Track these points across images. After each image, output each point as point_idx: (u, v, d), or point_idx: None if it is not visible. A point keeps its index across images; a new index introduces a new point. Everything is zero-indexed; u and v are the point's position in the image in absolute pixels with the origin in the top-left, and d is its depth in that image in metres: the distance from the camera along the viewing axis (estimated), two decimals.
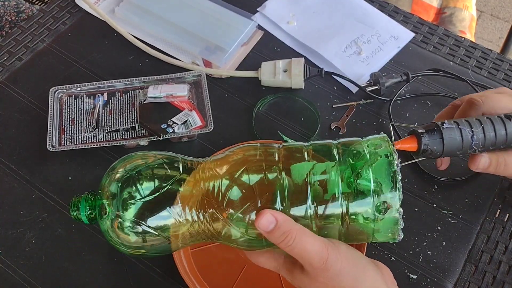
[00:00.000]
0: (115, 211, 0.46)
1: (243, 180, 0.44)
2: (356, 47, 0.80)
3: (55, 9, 0.83)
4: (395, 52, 0.79)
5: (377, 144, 0.44)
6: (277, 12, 0.83)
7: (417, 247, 0.62)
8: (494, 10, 2.10)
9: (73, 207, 0.50)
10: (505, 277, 0.61)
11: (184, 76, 0.71)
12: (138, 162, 0.48)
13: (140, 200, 0.45)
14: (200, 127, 0.67)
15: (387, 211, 0.42)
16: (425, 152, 0.50)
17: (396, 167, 0.42)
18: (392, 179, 0.42)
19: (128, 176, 0.47)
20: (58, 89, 0.70)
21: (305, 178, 0.43)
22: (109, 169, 0.50)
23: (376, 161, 0.42)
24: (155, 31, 0.79)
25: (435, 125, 0.50)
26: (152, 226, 0.46)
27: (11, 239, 0.62)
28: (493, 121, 0.51)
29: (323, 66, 0.77)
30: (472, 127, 0.50)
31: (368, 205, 0.42)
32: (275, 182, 0.43)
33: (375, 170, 0.42)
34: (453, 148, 0.50)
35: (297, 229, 0.41)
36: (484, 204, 0.66)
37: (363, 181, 0.42)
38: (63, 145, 0.66)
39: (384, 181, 0.42)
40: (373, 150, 0.43)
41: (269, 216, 0.40)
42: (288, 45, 0.80)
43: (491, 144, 0.51)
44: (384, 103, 0.74)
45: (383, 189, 0.42)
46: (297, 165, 0.44)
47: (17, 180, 0.66)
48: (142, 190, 0.46)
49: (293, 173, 0.43)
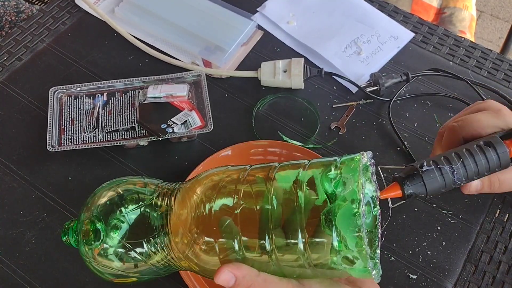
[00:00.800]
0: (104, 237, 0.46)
1: (208, 213, 0.42)
2: (356, 47, 0.80)
3: (55, 9, 0.83)
4: (395, 52, 0.79)
5: (348, 179, 0.37)
6: (277, 12, 0.83)
7: (417, 247, 0.62)
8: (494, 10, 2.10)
9: (64, 234, 0.49)
10: (505, 277, 0.61)
11: (183, 76, 0.71)
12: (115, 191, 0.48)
13: (121, 223, 0.45)
14: (200, 127, 0.67)
15: (357, 263, 0.37)
16: (410, 197, 0.50)
17: (361, 218, 0.35)
18: (356, 231, 0.35)
19: (108, 202, 0.47)
20: (58, 89, 0.70)
21: (267, 208, 0.39)
22: (91, 194, 0.49)
23: (341, 208, 0.36)
24: (155, 31, 0.79)
25: (414, 169, 0.50)
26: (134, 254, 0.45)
27: (10, 239, 0.62)
28: (472, 153, 0.50)
29: (323, 66, 0.77)
30: (452, 163, 0.50)
31: (332, 254, 0.37)
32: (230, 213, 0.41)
33: (338, 219, 0.36)
34: (436, 188, 0.49)
35: (258, 281, 0.39)
36: (484, 204, 0.66)
37: (326, 229, 0.37)
38: (63, 145, 0.66)
39: (347, 232, 0.36)
40: (340, 190, 0.37)
41: (227, 273, 0.39)
42: (288, 45, 0.80)
43: (474, 175, 0.50)
44: (384, 103, 0.74)
45: (348, 244, 0.36)
46: (260, 192, 0.40)
47: (17, 180, 0.66)
48: (124, 215, 0.46)
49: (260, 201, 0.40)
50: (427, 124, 0.72)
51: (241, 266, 0.39)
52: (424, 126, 0.72)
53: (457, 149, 0.51)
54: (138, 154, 0.68)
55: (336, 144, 0.70)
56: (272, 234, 0.39)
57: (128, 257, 0.45)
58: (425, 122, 0.72)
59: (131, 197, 0.47)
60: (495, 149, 0.50)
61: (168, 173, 0.67)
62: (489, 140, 0.51)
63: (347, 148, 0.70)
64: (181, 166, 0.67)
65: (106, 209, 0.46)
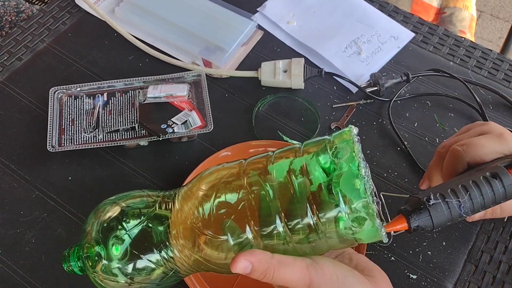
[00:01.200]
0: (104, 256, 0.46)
1: (211, 210, 0.42)
2: (356, 47, 0.80)
3: (55, 9, 0.83)
4: (395, 52, 0.79)
5: (343, 148, 0.40)
6: (277, 12, 0.83)
7: (417, 247, 0.62)
8: (494, 10, 2.10)
9: (65, 262, 0.49)
10: (505, 277, 0.61)
11: (184, 76, 0.71)
12: (113, 210, 0.47)
13: (124, 241, 0.45)
14: (200, 127, 0.67)
15: (364, 224, 0.39)
16: (416, 230, 0.49)
17: (363, 178, 0.38)
18: (360, 191, 0.38)
19: (108, 220, 0.46)
20: (58, 89, 0.70)
21: (267, 197, 0.41)
22: (89, 216, 0.48)
23: (343, 174, 0.39)
24: (155, 31, 0.79)
25: (421, 203, 0.49)
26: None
27: (11, 239, 0.62)
28: (479, 185, 0.50)
29: (323, 66, 0.77)
30: (459, 197, 0.50)
31: (340, 221, 0.39)
32: (242, 202, 0.41)
33: (342, 184, 0.38)
34: (442, 221, 0.49)
35: (274, 264, 0.40)
36: None
37: (331, 197, 0.39)
38: (63, 146, 0.66)
39: (353, 195, 0.38)
40: (338, 159, 0.39)
41: (243, 261, 0.40)
42: (288, 45, 0.80)
43: (480, 207, 0.50)
44: (384, 103, 0.74)
45: (354, 203, 0.38)
46: (255, 181, 0.42)
47: (17, 180, 0.66)
48: (126, 231, 0.45)
49: (261, 206, 0.41)
50: (427, 124, 0.72)
51: (255, 251, 0.41)
52: (424, 126, 0.72)
53: (463, 181, 0.50)
54: (138, 154, 0.69)
55: None
56: (284, 217, 0.40)
57: (134, 272, 0.45)
58: (425, 122, 0.72)
59: (133, 212, 0.46)
60: (502, 181, 0.50)
61: (168, 173, 0.67)
62: (495, 172, 0.50)
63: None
64: (181, 166, 0.67)
65: (106, 230, 0.46)
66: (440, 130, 0.72)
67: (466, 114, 0.74)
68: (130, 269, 0.45)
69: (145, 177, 0.67)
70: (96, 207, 0.48)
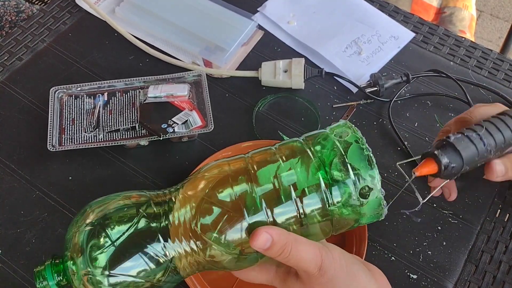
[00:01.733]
0: (84, 268, 0.42)
1: (215, 201, 0.42)
2: (356, 47, 0.80)
3: (56, 9, 0.83)
4: (395, 52, 0.79)
5: (343, 131, 0.44)
6: (277, 12, 0.83)
7: (417, 247, 0.62)
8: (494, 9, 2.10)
9: (39, 279, 0.44)
10: (506, 277, 0.61)
11: (184, 76, 0.71)
12: (100, 210, 0.44)
13: (110, 246, 0.42)
14: (200, 127, 0.67)
15: (370, 194, 0.42)
16: (446, 169, 0.48)
17: (368, 150, 0.42)
18: (368, 162, 0.42)
19: (92, 227, 0.43)
20: (59, 89, 0.70)
21: (273, 180, 0.42)
22: (70, 225, 0.45)
23: (349, 149, 0.42)
24: (156, 31, 0.79)
25: (442, 141, 0.48)
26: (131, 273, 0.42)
27: (11, 239, 0.62)
28: (492, 122, 0.50)
29: (323, 66, 0.77)
30: (477, 130, 0.49)
31: (351, 193, 0.42)
32: (244, 194, 0.42)
33: (350, 157, 0.42)
34: (470, 156, 0.48)
35: (291, 240, 0.41)
36: (485, 204, 0.66)
37: (340, 171, 0.42)
38: (63, 145, 0.66)
39: (361, 165, 0.42)
40: (342, 138, 0.43)
41: (265, 234, 0.40)
42: (289, 45, 0.80)
43: (501, 142, 0.49)
44: (384, 103, 0.74)
45: (362, 174, 0.41)
46: (263, 170, 0.43)
47: (17, 180, 0.66)
48: (112, 236, 0.42)
49: (260, 179, 0.42)
50: (427, 124, 0.72)
51: (273, 226, 0.41)
52: (425, 126, 0.72)
53: (476, 123, 0.51)
54: (138, 154, 0.69)
55: None
56: (301, 200, 0.41)
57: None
58: (426, 122, 0.73)
59: (119, 217, 0.43)
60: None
61: (169, 173, 0.67)
62: (504, 112, 0.51)
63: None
64: (181, 166, 0.67)
65: (91, 237, 0.43)
66: (440, 130, 0.72)
67: None
68: (122, 279, 0.42)
69: (145, 177, 0.67)
70: (80, 212, 0.45)
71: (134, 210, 0.44)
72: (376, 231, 0.63)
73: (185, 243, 0.43)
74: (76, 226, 0.44)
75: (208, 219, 0.42)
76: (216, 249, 0.42)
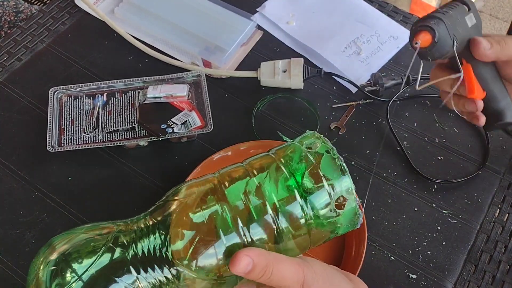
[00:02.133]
0: None
1: (185, 224, 0.40)
2: (355, 47, 0.80)
3: (55, 10, 0.83)
4: (395, 52, 0.79)
5: (312, 143, 0.43)
6: (277, 12, 0.83)
7: (417, 246, 0.62)
8: (493, 10, 2.10)
9: None
10: (505, 276, 0.61)
11: (183, 76, 0.71)
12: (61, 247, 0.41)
13: (78, 281, 0.38)
14: (200, 127, 0.67)
15: (346, 204, 0.41)
16: (439, 41, 0.52)
17: (340, 160, 0.41)
18: (341, 171, 0.41)
19: (55, 266, 0.40)
20: (58, 89, 0.70)
21: (243, 198, 0.40)
22: (31, 266, 0.42)
23: (321, 160, 0.42)
24: (155, 31, 0.79)
25: (425, 16, 0.53)
26: None
27: (11, 240, 0.62)
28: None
29: (322, 66, 0.77)
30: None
31: (327, 204, 0.41)
32: (215, 215, 0.40)
33: (323, 169, 0.41)
34: (452, 22, 0.52)
35: (271, 259, 0.39)
36: (484, 204, 0.66)
37: (314, 183, 0.41)
38: (62, 146, 0.66)
39: (334, 176, 0.41)
40: (312, 150, 0.42)
41: (246, 258, 0.38)
42: (288, 45, 0.80)
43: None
44: (384, 103, 0.74)
45: (336, 184, 0.41)
46: (232, 188, 0.41)
47: (17, 180, 0.66)
48: (78, 270, 0.39)
49: (229, 197, 0.41)
50: (426, 124, 0.72)
51: (251, 248, 0.39)
52: (424, 126, 0.72)
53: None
54: (138, 154, 0.69)
55: (336, 144, 0.70)
56: (276, 215, 0.40)
57: None
58: (425, 122, 0.73)
59: (86, 251, 0.40)
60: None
61: (168, 173, 0.67)
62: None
63: (347, 147, 0.70)
64: (181, 166, 0.67)
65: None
66: (439, 130, 0.72)
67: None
68: None
69: (144, 177, 0.67)
70: (41, 249, 0.42)
71: (100, 242, 0.40)
72: (376, 231, 0.63)
73: (158, 272, 0.40)
74: (37, 267, 0.41)
75: (179, 244, 0.40)
76: (192, 275, 0.40)
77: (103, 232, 0.41)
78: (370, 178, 0.67)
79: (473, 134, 0.72)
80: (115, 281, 0.39)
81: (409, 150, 0.70)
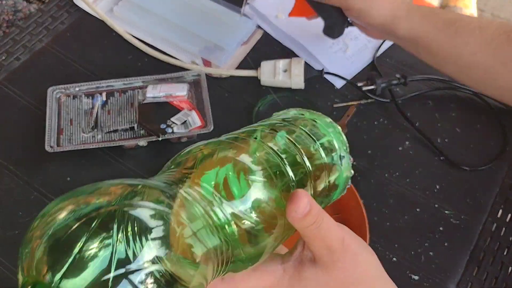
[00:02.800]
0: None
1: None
2: (342, 44, 0.79)
3: (54, 9, 0.82)
4: (383, 50, 0.78)
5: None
6: (266, 4, 0.82)
7: (419, 247, 0.62)
8: (495, 9, 2.10)
9: None
10: (508, 277, 0.61)
11: (183, 76, 0.71)
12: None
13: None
14: (200, 127, 0.66)
15: (343, 161, 0.45)
16: None
17: (337, 125, 0.48)
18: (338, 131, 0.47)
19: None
20: (57, 89, 0.69)
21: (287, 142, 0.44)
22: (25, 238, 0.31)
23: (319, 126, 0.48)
24: (154, 30, 0.79)
25: None
26: None
27: (9, 240, 0.61)
28: None
29: (309, 60, 0.76)
30: None
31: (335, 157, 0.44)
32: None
33: (322, 130, 0.47)
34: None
35: (319, 210, 0.34)
36: (486, 204, 0.65)
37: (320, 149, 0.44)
38: (61, 146, 0.65)
39: (335, 137, 0.47)
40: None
41: (306, 196, 0.32)
42: (276, 38, 0.79)
43: None
44: (385, 103, 0.74)
45: (335, 144, 0.45)
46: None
47: (15, 181, 0.66)
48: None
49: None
50: (428, 124, 0.72)
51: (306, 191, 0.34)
52: (425, 126, 0.72)
53: None
54: (137, 155, 0.68)
55: None
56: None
57: None
58: (427, 122, 0.72)
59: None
60: None
61: None
62: None
63: (348, 147, 0.69)
64: None
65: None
66: (441, 130, 0.71)
67: (467, 113, 0.73)
68: None
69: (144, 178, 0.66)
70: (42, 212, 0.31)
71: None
72: (378, 232, 0.63)
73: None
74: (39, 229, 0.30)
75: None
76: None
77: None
78: (372, 178, 0.67)
79: (475, 135, 0.71)
80: None
81: (410, 150, 0.69)
